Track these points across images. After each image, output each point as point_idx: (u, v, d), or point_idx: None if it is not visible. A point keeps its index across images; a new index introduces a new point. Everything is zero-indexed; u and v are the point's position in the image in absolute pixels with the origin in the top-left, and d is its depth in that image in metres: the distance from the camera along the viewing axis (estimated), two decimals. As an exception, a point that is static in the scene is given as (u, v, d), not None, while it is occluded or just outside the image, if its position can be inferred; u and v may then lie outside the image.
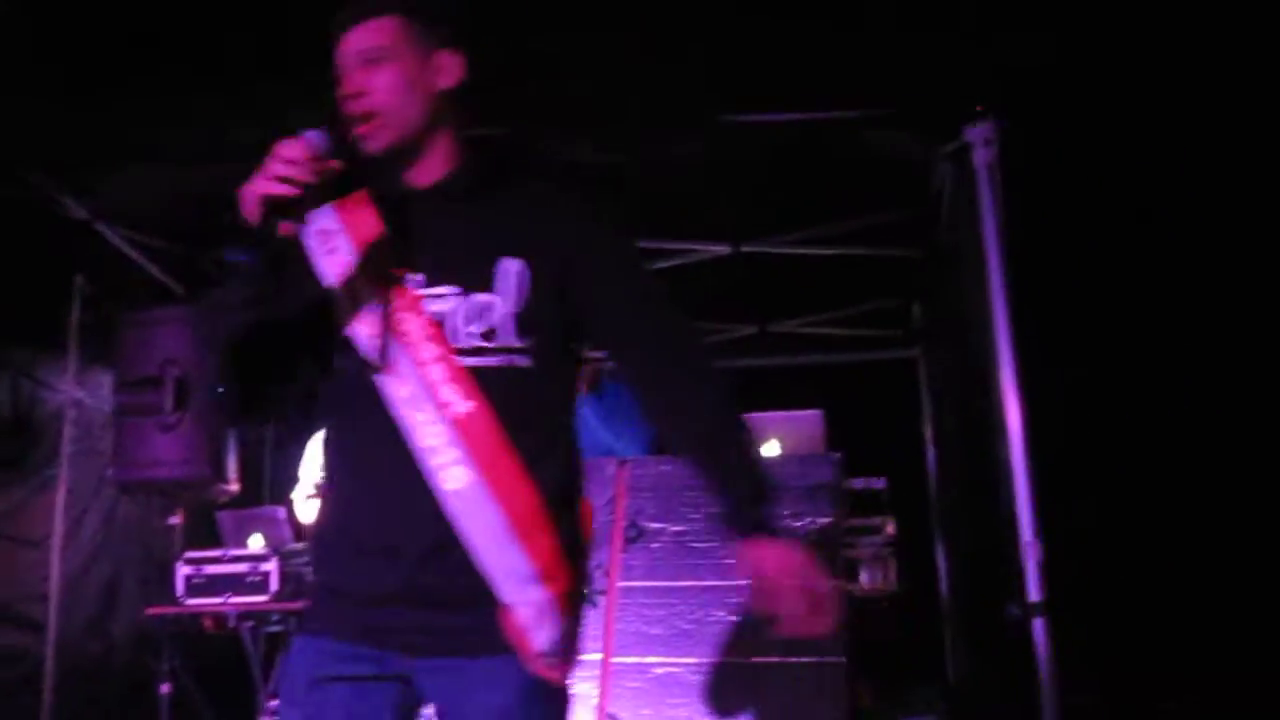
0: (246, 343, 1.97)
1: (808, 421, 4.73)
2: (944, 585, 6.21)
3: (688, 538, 4.18)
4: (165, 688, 5.13)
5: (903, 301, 6.90)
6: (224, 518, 5.17)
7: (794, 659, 3.93)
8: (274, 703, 5.03)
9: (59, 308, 5.58)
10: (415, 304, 2.00)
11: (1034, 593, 3.90)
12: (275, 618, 4.97)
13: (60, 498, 5.47)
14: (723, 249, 6.00)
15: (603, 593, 4.11)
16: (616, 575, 4.15)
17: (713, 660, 3.99)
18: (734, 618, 4.03)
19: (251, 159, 2.01)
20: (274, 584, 4.68)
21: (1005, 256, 4.14)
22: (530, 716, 1.94)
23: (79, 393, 5.62)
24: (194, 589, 4.77)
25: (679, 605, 4.08)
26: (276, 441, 6.84)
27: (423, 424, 1.96)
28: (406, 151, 2.06)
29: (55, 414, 5.56)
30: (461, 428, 1.95)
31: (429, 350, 1.98)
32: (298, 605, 4.86)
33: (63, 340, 5.60)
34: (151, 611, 4.97)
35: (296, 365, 2.09)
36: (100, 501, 5.75)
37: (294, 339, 2.05)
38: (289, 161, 1.89)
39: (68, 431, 5.53)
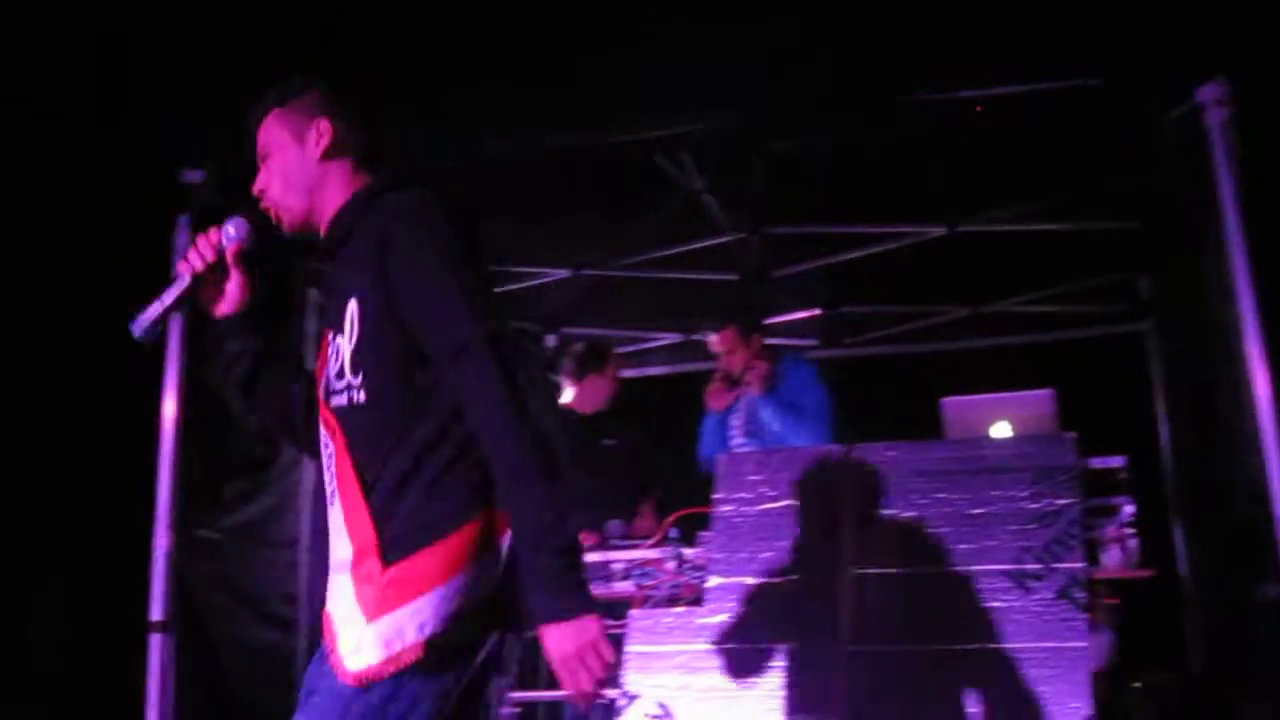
0: (248, 386, 2.40)
1: (1038, 401, 4.59)
2: (1184, 566, 5.97)
3: (917, 523, 4.13)
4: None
5: (1127, 274, 6.66)
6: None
7: (1035, 644, 3.84)
8: (514, 694, 5.17)
9: (295, 317, 5.84)
10: (324, 353, 2.28)
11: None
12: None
13: (305, 500, 5.72)
14: (939, 230, 5.91)
15: (837, 580, 4.09)
16: (848, 563, 4.12)
17: (950, 646, 3.93)
18: (970, 604, 3.96)
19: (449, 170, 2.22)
20: (506, 578, 4.77)
21: (1244, 219, 3.97)
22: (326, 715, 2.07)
23: (317, 400, 5.85)
24: (433, 586, 4.90)
25: (912, 591, 4.04)
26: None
27: (325, 460, 2.24)
28: (311, 223, 2.33)
29: (296, 422, 5.80)
30: (331, 460, 2.19)
31: (319, 396, 2.26)
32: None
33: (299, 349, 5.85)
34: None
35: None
36: (341, 504, 5.99)
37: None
38: (200, 244, 2.33)
39: (309, 438, 5.76)
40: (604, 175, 5.20)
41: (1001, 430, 4.52)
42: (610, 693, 4.85)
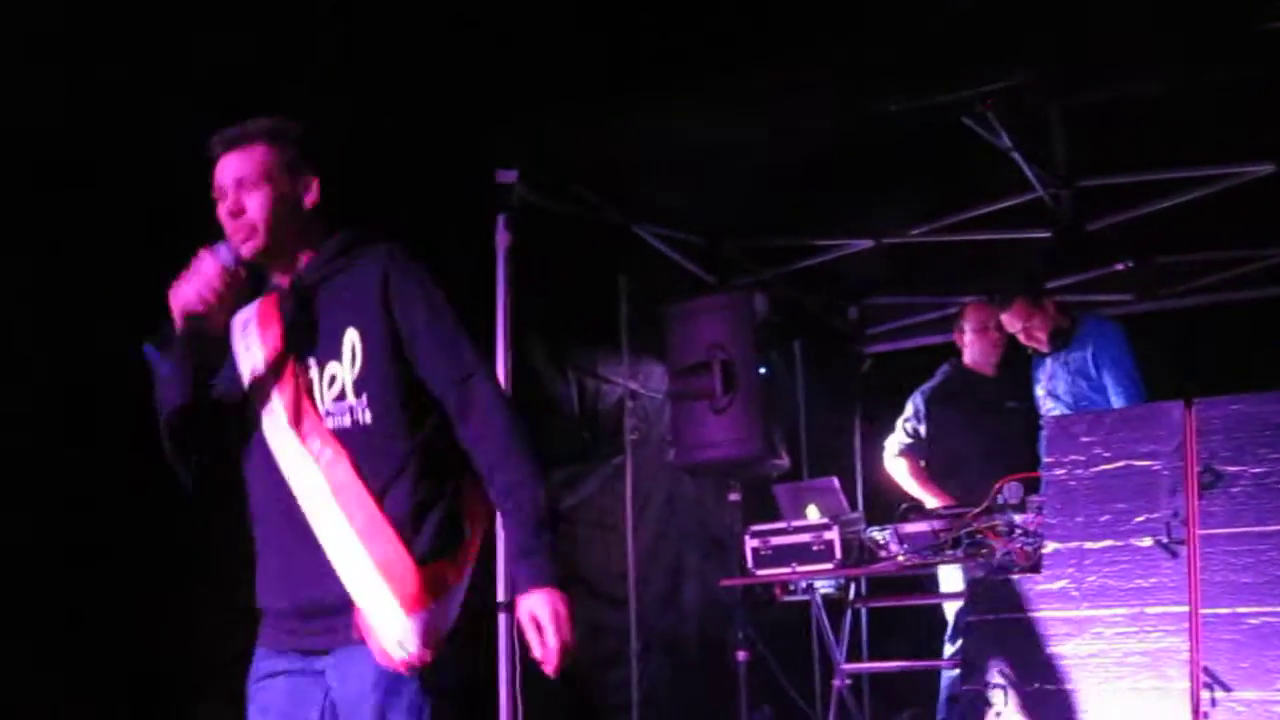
0: (182, 414, 2.50)
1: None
2: None
3: (1271, 479, 3.91)
4: (742, 654, 5.41)
5: None
6: (780, 491, 5.37)
7: None
8: (848, 665, 5.20)
9: (608, 307, 6.03)
10: (293, 377, 2.49)
11: None
12: (840, 583, 5.13)
13: (628, 483, 5.89)
14: (1266, 168, 5.57)
15: (1182, 542, 3.92)
16: (1196, 523, 3.94)
17: (1315, 608, 3.71)
18: (1334, 561, 3.74)
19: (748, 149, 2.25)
20: (837, 551, 4.81)
21: None
22: (382, 701, 2.34)
23: (634, 384, 6.03)
24: (761, 560, 4.99)
25: (1269, 551, 3.82)
26: (810, 418, 7.05)
27: (300, 473, 2.44)
28: (276, 256, 2.52)
29: (616, 406, 6.00)
30: (326, 473, 2.41)
31: (303, 413, 2.46)
32: (861, 571, 4.99)
33: (615, 336, 6.04)
34: (725, 583, 5.25)
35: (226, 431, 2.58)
36: (662, 484, 6.15)
37: (225, 411, 2.58)
38: (206, 279, 2.44)
39: (628, 421, 5.95)
40: (908, 139, 5.13)
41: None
42: (949, 664, 4.80)
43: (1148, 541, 3.99)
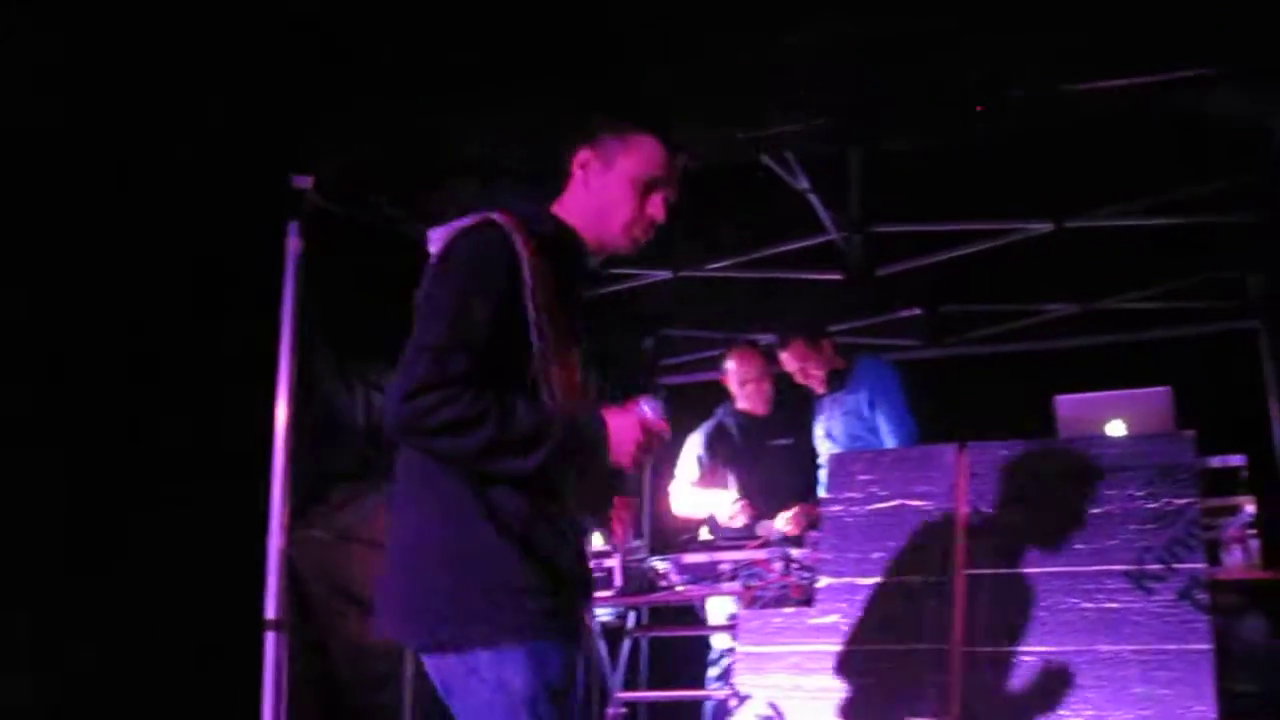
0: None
1: (1154, 399, 4.50)
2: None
3: (1033, 523, 4.07)
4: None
5: (1237, 271, 6.51)
6: (564, 518, 5.33)
7: (1155, 646, 3.77)
8: (624, 694, 5.18)
9: (399, 322, 5.89)
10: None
11: None
12: (620, 611, 5.12)
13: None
14: (1045, 226, 5.82)
15: (950, 581, 4.04)
16: (962, 563, 4.07)
17: (1068, 649, 3.86)
18: (1088, 604, 3.90)
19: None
20: (618, 579, 4.80)
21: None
22: None
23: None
24: (542, 586, 4.93)
25: (1030, 592, 3.97)
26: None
27: None
28: None
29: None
30: None
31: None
32: (640, 600, 4.98)
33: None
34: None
35: None
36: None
37: None
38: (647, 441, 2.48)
39: (413, 440, 5.81)
40: (704, 175, 5.17)
41: (1116, 429, 4.44)
42: (721, 693, 4.84)
43: (917, 579, 4.10)
